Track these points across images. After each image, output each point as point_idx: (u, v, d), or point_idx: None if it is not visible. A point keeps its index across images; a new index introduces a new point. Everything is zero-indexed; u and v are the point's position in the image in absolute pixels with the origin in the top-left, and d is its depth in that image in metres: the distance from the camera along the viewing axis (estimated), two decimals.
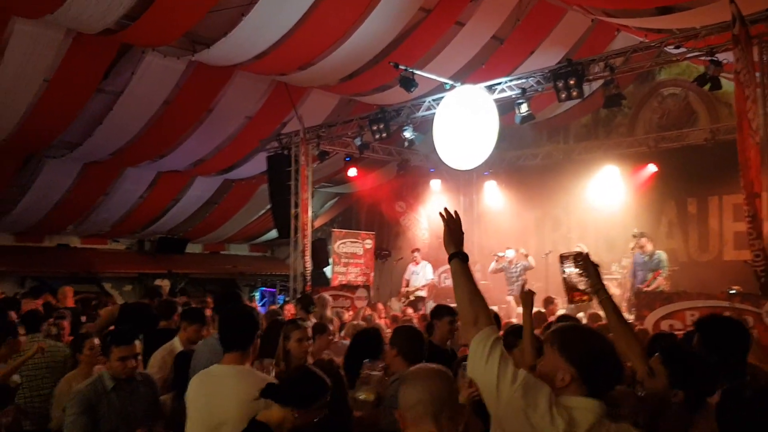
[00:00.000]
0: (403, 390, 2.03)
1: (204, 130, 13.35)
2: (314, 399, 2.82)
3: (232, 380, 3.10)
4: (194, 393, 3.17)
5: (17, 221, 14.68)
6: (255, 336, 3.30)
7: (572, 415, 2.06)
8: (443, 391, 2.04)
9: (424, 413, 1.97)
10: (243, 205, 17.15)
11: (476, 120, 9.71)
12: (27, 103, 11.09)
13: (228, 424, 2.96)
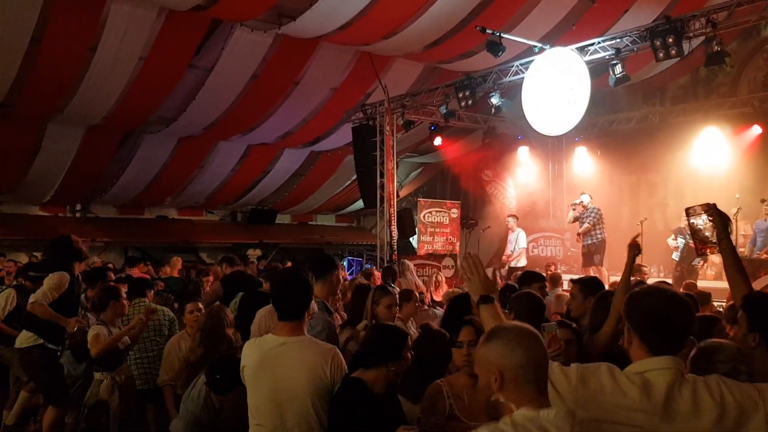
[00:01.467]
0: (503, 348, 1.91)
1: (291, 103, 13.56)
2: (402, 349, 2.88)
3: (298, 353, 3.02)
4: (255, 366, 3.07)
5: (119, 195, 15.53)
6: (310, 304, 3.22)
7: (646, 379, 2.04)
8: (545, 355, 1.95)
9: (527, 378, 1.88)
10: (329, 176, 17.40)
11: (567, 84, 9.35)
12: (124, 82, 11.60)
13: (297, 397, 2.94)
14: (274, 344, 3.07)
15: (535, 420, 1.81)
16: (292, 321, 3.09)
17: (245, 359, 3.17)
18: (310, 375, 2.95)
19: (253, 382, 3.08)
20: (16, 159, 13.11)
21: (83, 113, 12.30)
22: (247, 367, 3.13)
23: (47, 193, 14.61)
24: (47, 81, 11.03)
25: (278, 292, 3.22)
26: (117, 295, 4.90)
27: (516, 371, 1.86)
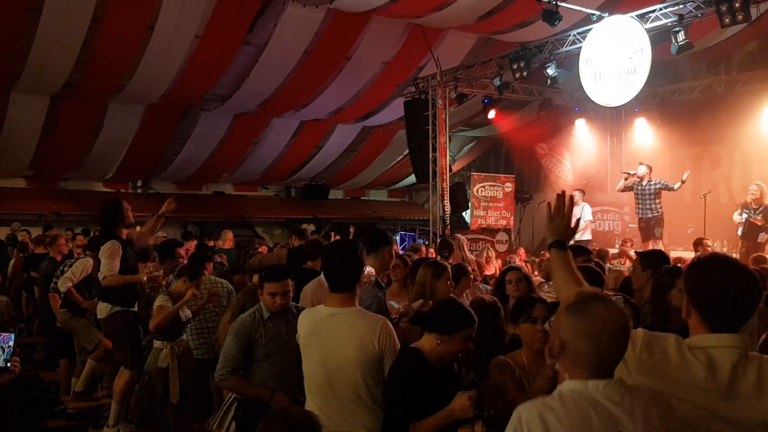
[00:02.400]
0: (574, 317, 1.83)
1: (343, 78, 13.57)
2: (456, 328, 2.82)
3: (348, 323, 3.06)
4: (307, 335, 3.17)
5: (178, 171, 15.95)
6: (361, 276, 3.25)
7: (711, 356, 1.94)
8: (615, 330, 1.84)
9: (586, 350, 1.80)
10: (381, 151, 17.41)
11: (626, 52, 9.03)
12: (181, 60, 11.83)
13: (346, 366, 2.99)
14: (325, 314, 3.13)
15: (584, 393, 1.76)
16: (344, 293, 3.12)
17: (299, 328, 3.26)
18: (358, 345, 2.99)
19: (305, 351, 3.17)
20: (80, 137, 13.60)
21: (142, 91, 12.63)
22: (301, 336, 3.23)
23: (110, 169, 15.13)
24: (108, 60, 11.35)
25: (330, 265, 3.27)
26: (174, 254, 5.11)
27: (579, 348, 1.79)
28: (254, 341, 3.75)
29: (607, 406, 1.74)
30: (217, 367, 3.76)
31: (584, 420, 1.72)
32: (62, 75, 11.61)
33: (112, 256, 5.08)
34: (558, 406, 1.74)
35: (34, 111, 12.58)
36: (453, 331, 2.82)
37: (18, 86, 11.81)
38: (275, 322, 3.82)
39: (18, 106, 12.32)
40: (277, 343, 3.75)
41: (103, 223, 5.35)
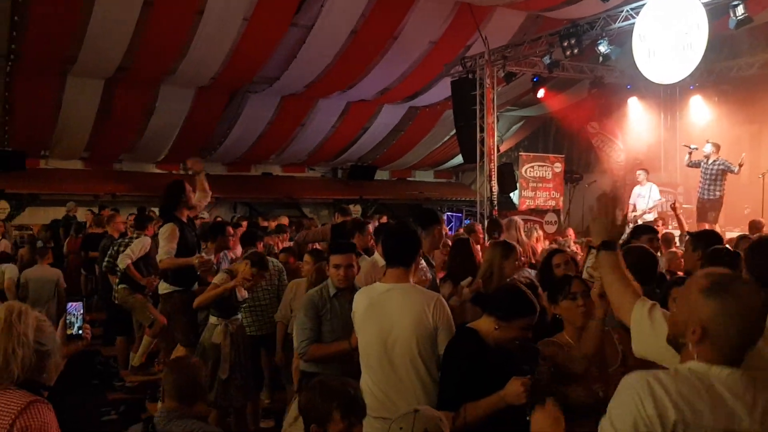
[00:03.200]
0: (721, 306, 1.70)
1: (389, 58, 13.52)
2: (515, 315, 2.79)
3: (403, 297, 3.12)
4: (364, 311, 3.23)
5: (227, 153, 16.21)
6: (418, 253, 3.32)
7: None
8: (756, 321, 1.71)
9: (725, 339, 1.69)
10: (428, 131, 17.33)
11: (682, 28, 8.73)
12: (230, 43, 11.97)
13: (403, 340, 3.03)
14: (381, 290, 3.20)
15: (703, 376, 1.66)
16: (399, 268, 3.18)
17: (355, 306, 3.32)
18: (414, 318, 3.03)
19: (361, 326, 3.24)
20: (134, 119, 13.94)
21: (193, 74, 12.84)
22: (356, 313, 3.29)
23: (162, 151, 15.48)
24: (159, 44, 11.57)
25: (388, 241, 3.35)
26: (224, 232, 5.22)
27: (723, 332, 1.68)
28: (321, 316, 3.83)
29: (724, 396, 1.64)
30: (296, 344, 3.84)
31: (692, 402, 1.62)
32: (116, 59, 11.89)
33: (170, 238, 5.20)
34: (669, 381, 1.65)
35: (89, 94, 12.94)
36: (512, 318, 2.79)
37: (74, 70, 12.14)
38: (340, 300, 3.87)
39: (74, 89, 12.69)
40: (342, 321, 3.80)
41: (164, 204, 5.45)
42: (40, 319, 2.09)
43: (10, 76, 11.95)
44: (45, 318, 2.11)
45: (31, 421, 1.87)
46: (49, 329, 2.11)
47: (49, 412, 1.96)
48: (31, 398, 1.93)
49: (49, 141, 14.13)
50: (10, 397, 1.92)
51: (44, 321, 2.10)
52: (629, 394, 1.67)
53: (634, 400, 1.65)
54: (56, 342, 2.12)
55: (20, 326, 2.02)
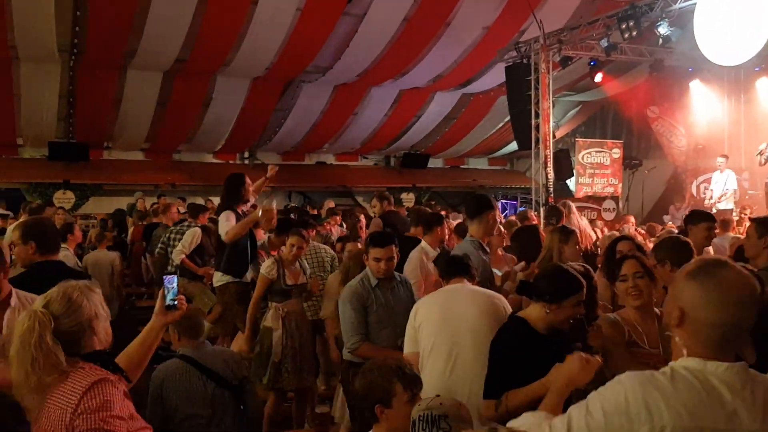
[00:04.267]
0: (701, 289, 1.61)
1: (442, 45, 13.41)
2: (565, 295, 2.75)
3: (468, 296, 3.27)
4: (430, 313, 3.31)
5: (282, 142, 16.43)
6: (474, 267, 3.50)
7: None
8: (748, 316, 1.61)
9: (711, 329, 1.60)
10: (481, 118, 17.17)
11: (746, 7, 8.35)
12: (284, 33, 12.09)
13: (469, 333, 3.11)
14: (450, 292, 3.33)
15: (699, 373, 1.57)
16: (463, 277, 3.40)
17: (421, 309, 3.36)
18: (488, 316, 3.15)
19: (431, 329, 3.25)
20: (191, 111, 14.26)
21: (248, 65, 13.05)
22: (425, 315, 3.32)
23: (219, 141, 15.81)
24: (215, 36, 11.79)
25: (441, 259, 3.57)
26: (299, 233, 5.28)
27: (702, 317, 1.60)
28: (367, 308, 3.82)
29: (724, 396, 1.54)
30: (346, 339, 3.83)
31: (694, 406, 1.53)
32: (173, 51, 12.17)
33: (228, 218, 5.30)
34: (667, 386, 1.56)
35: (148, 87, 13.30)
36: (561, 299, 2.74)
37: (134, 63, 12.49)
38: (382, 289, 3.87)
39: (134, 82, 13.06)
40: (387, 311, 3.82)
41: (225, 193, 5.53)
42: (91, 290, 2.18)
43: (74, 70, 12.38)
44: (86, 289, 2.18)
45: (91, 402, 1.92)
46: (98, 297, 2.19)
47: (112, 388, 1.99)
48: (95, 378, 1.97)
49: (111, 133, 14.61)
50: (77, 377, 1.97)
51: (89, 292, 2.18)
52: (618, 390, 1.59)
53: (621, 396, 1.57)
54: (102, 310, 2.18)
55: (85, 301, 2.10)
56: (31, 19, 10.60)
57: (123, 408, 1.99)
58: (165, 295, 2.49)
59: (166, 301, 2.50)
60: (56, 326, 2.02)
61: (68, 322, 2.04)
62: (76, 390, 1.94)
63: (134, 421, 2.06)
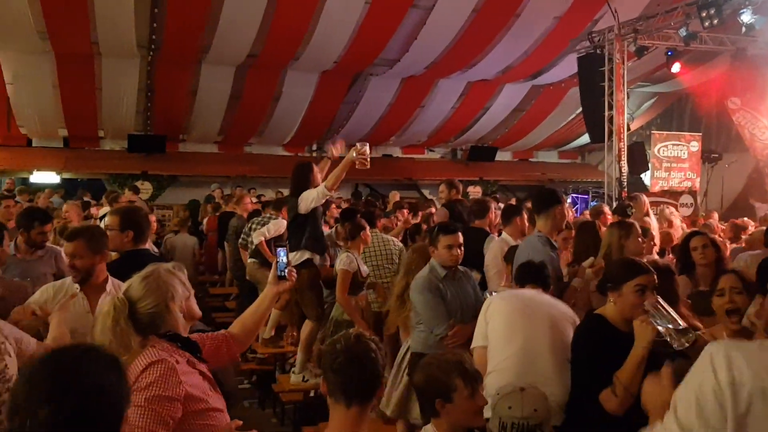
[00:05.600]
0: None
1: (511, 36, 13.20)
2: (622, 279, 2.72)
3: (546, 301, 3.26)
4: (505, 311, 3.30)
5: (349, 134, 16.46)
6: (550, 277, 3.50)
7: None
8: None
9: None
10: (551, 110, 16.85)
11: None
12: (352, 26, 12.18)
13: (543, 330, 3.10)
14: (527, 294, 3.33)
15: None
16: (538, 287, 3.41)
17: (494, 307, 3.35)
18: (563, 321, 3.17)
19: (503, 326, 3.24)
20: (262, 104, 14.58)
21: (316, 59, 13.22)
22: (498, 313, 3.31)
23: (288, 134, 16.09)
24: (285, 31, 11.98)
25: (521, 269, 3.52)
26: (363, 227, 5.34)
27: None
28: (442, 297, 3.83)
29: None
30: (430, 327, 3.81)
31: None
32: (245, 46, 12.45)
33: (309, 193, 5.31)
34: (752, 348, 1.54)
35: (221, 81, 13.67)
36: (621, 283, 2.70)
37: (208, 58, 12.86)
38: (449, 281, 3.87)
39: (208, 76, 13.46)
40: (456, 302, 3.81)
41: (296, 182, 5.59)
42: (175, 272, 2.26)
43: (152, 66, 12.86)
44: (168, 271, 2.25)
45: (143, 381, 1.98)
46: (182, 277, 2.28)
47: (167, 369, 2.01)
48: (154, 358, 2.03)
49: (187, 125, 15.10)
50: (142, 357, 2.04)
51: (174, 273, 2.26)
52: (704, 360, 1.55)
53: (708, 367, 1.52)
54: (184, 289, 2.26)
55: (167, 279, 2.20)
56: (112, 17, 11.05)
57: (177, 389, 2.00)
58: (277, 266, 2.59)
59: (278, 272, 2.59)
60: (134, 310, 2.12)
61: (145, 306, 2.12)
62: (136, 369, 2.00)
63: (197, 402, 2.07)
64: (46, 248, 4.40)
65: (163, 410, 1.95)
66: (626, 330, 2.66)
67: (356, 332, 2.11)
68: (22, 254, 4.30)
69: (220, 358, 2.47)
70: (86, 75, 12.74)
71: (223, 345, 2.50)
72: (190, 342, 2.23)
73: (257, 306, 2.64)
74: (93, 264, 3.18)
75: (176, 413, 1.98)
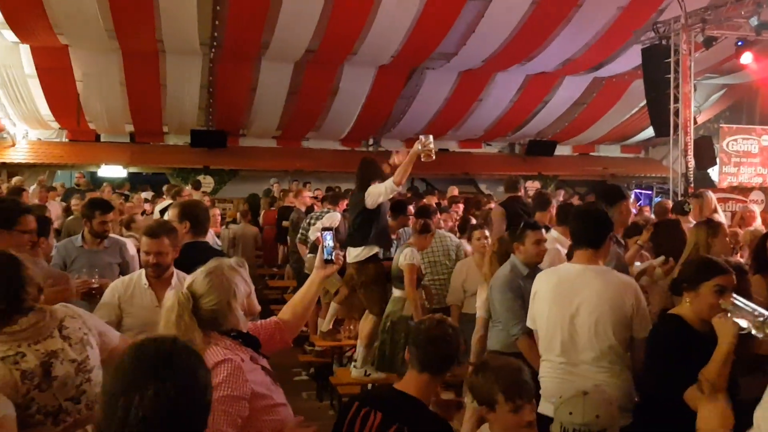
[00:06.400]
0: None
1: (572, 27, 12.90)
2: (699, 279, 2.66)
3: (601, 280, 3.01)
4: (551, 291, 3.13)
5: (405, 129, 16.57)
6: (608, 236, 3.17)
7: None
8: None
9: None
10: (614, 103, 16.44)
11: None
12: (410, 20, 12.13)
13: (599, 323, 2.94)
14: (573, 271, 3.11)
15: None
16: (589, 249, 3.09)
17: (538, 286, 3.24)
18: (612, 303, 2.95)
19: (547, 307, 3.13)
20: (320, 99, 14.71)
21: (374, 54, 13.25)
22: (540, 293, 3.20)
23: (345, 129, 16.19)
24: (343, 26, 12.05)
25: (579, 221, 3.23)
26: (428, 229, 5.31)
27: None
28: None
29: None
30: (507, 327, 3.77)
31: None
32: (304, 42, 12.58)
33: (377, 187, 5.28)
34: None
35: (280, 77, 13.86)
36: (698, 283, 2.63)
37: (267, 55, 13.05)
38: (530, 279, 3.82)
39: (267, 72, 13.67)
40: None
41: (362, 177, 5.59)
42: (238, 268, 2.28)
43: (213, 63, 13.15)
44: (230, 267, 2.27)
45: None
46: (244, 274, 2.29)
47: (234, 368, 2.03)
48: (220, 358, 2.05)
49: (246, 121, 15.38)
50: (210, 356, 2.05)
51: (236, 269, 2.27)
52: None
53: None
54: (245, 286, 2.27)
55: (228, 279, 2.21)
56: (176, 15, 11.34)
57: (244, 387, 2.03)
58: (323, 250, 2.60)
59: (325, 256, 2.60)
60: (197, 306, 2.14)
61: (208, 302, 2.15)
62: None
63: (262, 399, 2.10)
64: (111, 239, 4.53)
65: (233, 410, 1.98)
66: (703, 330, 2.59)
67: (440, 317, 2.46)
68: (89, 245, 4.43)
69: (273, 347, 2.50)
70: (151, 72, 13.14)
71: (276, 333, 2.54)
72: (251, 338, 2.25)
73: (306, 290, 2.66)
74: (173, 259, 3.32)
75: (244, 412, 2.01)
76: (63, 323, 2.40)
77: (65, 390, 2.30)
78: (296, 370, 6.99)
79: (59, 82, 13.07)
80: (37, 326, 2.31)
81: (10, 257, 2.36)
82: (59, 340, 2.35)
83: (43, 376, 2.25)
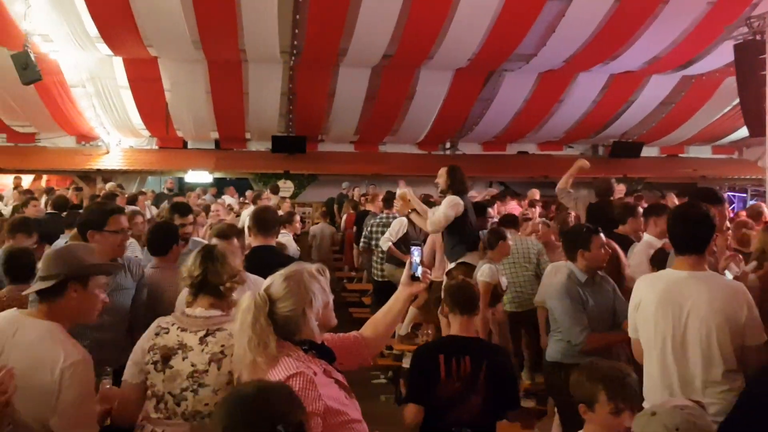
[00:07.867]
0: None
1: (659, 24, 12.40)
2: None
3: (710, 287, 2.84)
4: (657, 299, 2.96)
5: (483, 132, 16.42)
6: (712, 238, 2.99)
7: None
8: None
9: None
10: (704, 102, 15.72)
11: None
12: (487, 22, 11.99)
13: (709, 331, 2.79)
14: (679, 277, 2.94)
15: None
16: (692, 255, 2.94)
17: (640, 293, 3.09)
18: (722, 310, 2.79)
19: (651, 316, 2.98)
20: (396, 103, 14.79)
21: (451, 57, 13.19)
22: (645, 302, 3.04)
23: (421, 133, 16.20)
24: (420, 30, 12.04)
25: (679, 226, 3.05)
26: (503, 236, 5.21)
27: None
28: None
29: None
30: (573, 335, 3.68)
31: None
32: (381, 48, 12.66)
33: (451, 207, 5.24)
34: None
35: (358, 82, 14.02)
36: None
37: (345, 61, 13.23)
38: (589, 286, 3.75)
39: (345, 78, 13.86)
40: (595, 310, 3.69)
41: (451, 183, 5.55)
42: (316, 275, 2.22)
43: (293, 70, 13.45)
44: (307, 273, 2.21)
45: None
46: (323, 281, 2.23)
47: (306, 382, 1.96)
48: (292, 372, 1.98)
49: (325, 126, 15.65)
50: (280, 367, 2.01)
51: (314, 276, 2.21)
52: None
53: None
54: (324, 296, 2.20)
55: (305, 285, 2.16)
56: (258, 25, 11.66)
57: (317, 403, 1.95)
58: (410, 266, 2.54)
59: (412, 272, 2.53)
60: (272, 309, 2.09)
61: (284, 307, 2.09)
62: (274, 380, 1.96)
63: (336, 414, 2.01)
64: (194, 242, 4.59)
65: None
66: None
67: (462, 278, 3.51)
68: None
69: (352, 362, 2.40)
70: (235, 81, 13.58)
71: (354, 348, 2.43)
72: (325, 349, 2.18)
73: (389, 307, 2.56)
74: (241, 262, 3.40)
75: (316, 429, 1.92)
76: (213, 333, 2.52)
77: (173, 384, 2.44)
78: (374, 374, 7.02)
79: (149, 93, 13.71)
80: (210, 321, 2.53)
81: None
82: (196, 341, 2.48)
83: (163, 361, 2.47)
